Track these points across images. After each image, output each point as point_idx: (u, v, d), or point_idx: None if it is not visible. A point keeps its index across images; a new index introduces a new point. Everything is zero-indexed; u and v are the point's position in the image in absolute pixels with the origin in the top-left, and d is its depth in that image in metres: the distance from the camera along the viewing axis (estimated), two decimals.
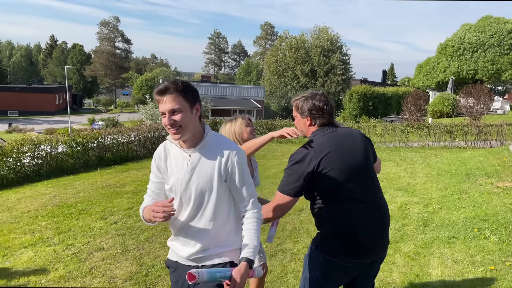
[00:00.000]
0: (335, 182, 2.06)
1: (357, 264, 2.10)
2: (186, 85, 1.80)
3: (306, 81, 42.12)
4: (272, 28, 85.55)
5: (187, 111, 1.79)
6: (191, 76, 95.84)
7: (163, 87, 1.77)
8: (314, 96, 2.26)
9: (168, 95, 1.76)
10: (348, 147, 2.15)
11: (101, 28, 74.22)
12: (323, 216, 2.13)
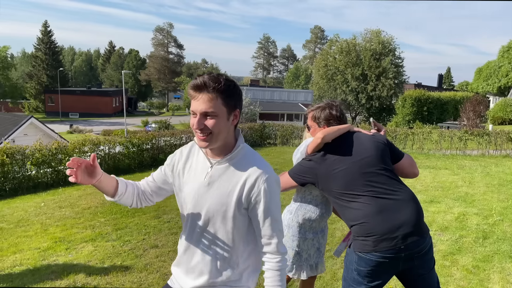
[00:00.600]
0: (348, 183, 2.16)
1: (391, 259, 2.08)
2: (229, 85, 1.47)
3: (356, 85, 41.28)
4: (322, 32, 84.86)
5: (223, 117, 1.47)
6: (239, 80, 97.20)
7: (201, 82, 1.44)
8: (331, 106, 2.47)
9: (204, 94, 1.44)
10: (357, 150, 2.25)
11: (155, 34, 77.41)
12: (347, 217, 2.19)
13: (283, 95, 40.38)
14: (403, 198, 2.15)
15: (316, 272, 2.84)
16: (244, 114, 23.05)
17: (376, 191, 2.13)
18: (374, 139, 2.32)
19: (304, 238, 2.72)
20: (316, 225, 2.73)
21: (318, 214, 2.69)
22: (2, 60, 49.29)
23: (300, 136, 17.30)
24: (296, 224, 2.71)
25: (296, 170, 2.36)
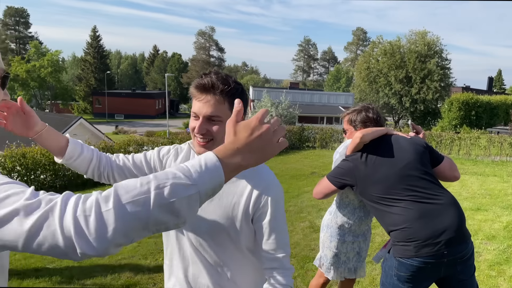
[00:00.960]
0: (388, 187, 2.13)
1: (433, 265, 2.04)
2: (238, 89, 1.33)
3: (400, 87, 40.13)
4: (364, 34, 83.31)
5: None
6: (279, 83, 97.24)
7: (209, 82, 1.29)
8: (367, 109, 2.47)
9: (211, 96, 1.29)
10: (396, 153, 2.22)
11: (197, 38, 79.16)
12: (387, 222, 2.17)
13: (323, 98, 39.99)
14: (445, 202, 2.11)
15: (355, 276, 2.83)
16: (282, 117, 23.01)
17: (417, 195, 2.09)
18: (413, 142, 2.29)
19: (343, 241, 2.71)
20: (355, 228, 2.71)
21: (356, 218, 2.67)
22: (54, 63, 52.21)
23: (340, 139, 17.06)
24: (335, 225, 2.72)
25: (335, 173, 2.34)
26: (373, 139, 2.28)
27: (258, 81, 73.61)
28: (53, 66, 51.78)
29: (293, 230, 5.50)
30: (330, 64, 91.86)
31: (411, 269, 2.06)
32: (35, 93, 52.76)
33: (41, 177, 9.44)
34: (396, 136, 2.35)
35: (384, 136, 2.31)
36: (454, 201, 2.16)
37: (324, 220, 2.84)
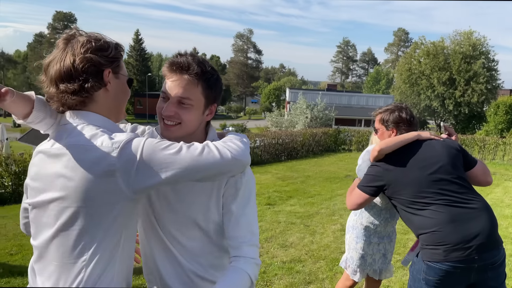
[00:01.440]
0: (419, 191, 2.09)
1: (462, 270, 1.99)
2: (213, 74, 1.27)
3: (443, 90, 38.68)
4: (406, 34, 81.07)
5: (199, 108, 1.27)
6: (317, 84, 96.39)
7: (185, 61, 1.22)
8: (400, 109, 2.41)
9: (185, 76, 1.22)
10: (429, 156, 2.17)
11: (236, 40, 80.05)
12: (417, 225, 2.13)
13: (362, 100, 39.29)
14: (477, 207, 2.06)
15: (380, 277, 2.80)
16: (318, 119, 22.83)
17: (448, 199, 2.05)
18: (446, 145, 2.24)
19: (369, 242, 2.69)
20: (381, 229, 2.69)
21: (382, 219, 2.65)
22: None
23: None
24: (361, 226, 2.70)
25: (365, 181, 2.29)
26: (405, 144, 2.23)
27: (296, 83, 73.29)
28: None
29: (324, 233, 5.47)
30: (370, 65, 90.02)
31: (440, 274, 2.02)
32: None
33: None
34: (429, 140, 2.29)
35: (418, 140, 2.25)
36: (487, 206, 2.10)
37: (349, 222, 2.83)
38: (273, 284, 3.90)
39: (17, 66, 71.17)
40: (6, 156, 8.56)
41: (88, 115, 1.18)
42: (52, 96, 1.19)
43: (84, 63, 1.14)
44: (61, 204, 1.11)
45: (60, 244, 1.12)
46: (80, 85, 1.14)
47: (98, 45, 1.18)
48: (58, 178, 1.11)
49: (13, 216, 6.42)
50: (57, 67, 1.16)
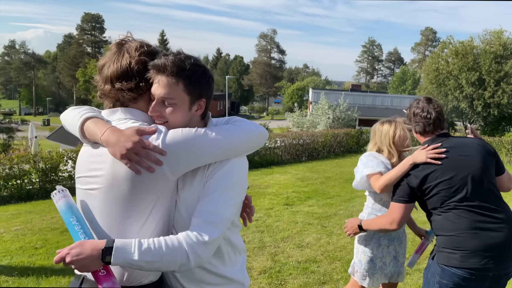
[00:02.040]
0: (447, 193, 2.04)
1: (478, 277, 1.97)
2: (196, 71, 1.32)
3: (472, 91, 37.58)
4: (433, 34, 79.19)
5: (183, 106, 1.31)
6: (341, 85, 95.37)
7: (161, 63, 1.28)
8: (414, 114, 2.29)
9: (163, 76, 1.29)
10: (461, 158, 2.10)
11: (259, 40, 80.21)
12: (437, 226, 2.11)
13: (386, 101, 38.66)
14: (502, 217, 2.03)
15: (391, 281, 2.76)
16: (340, 120, 22.60)
17: (474, 205, 2.02)
18: (481, 148, 2.15)
19: (378, 244, 2.66)
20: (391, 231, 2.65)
21: None
22: None
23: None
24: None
25: (400, 193, 2.18)
26: (437, 144, 2.14)
27: (319, 83, 72.72)
28: None
29: (341, 234, 5.43)
30: (396, 65, 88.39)
31: (454, 278, 2.00)
32: None
33: None
34: (464, 139, 2.24)
35: (450, 139, 2.18)
36: (510, 218, 2.07)
37: None
38: (287, 283, 3.91)
39: (47, 66, 73.51)
40: (34, 154, 8.89)
41: (136, 112, 1.35)
42: (107, 93, 1.35)
43: (139, 64, 1.32)
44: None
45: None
46: (136, 84, 1.31)
47: (149, 50, 1.37)
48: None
49: (40, 211, 6.67)
50: (113, 67, 1.33)
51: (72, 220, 1.28)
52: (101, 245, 1.17)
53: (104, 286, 1.18)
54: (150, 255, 1.18)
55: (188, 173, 1.31)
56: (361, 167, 2.58)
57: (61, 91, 72.79)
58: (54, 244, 4.83)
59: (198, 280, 1.37)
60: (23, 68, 67.81)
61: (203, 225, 1.24)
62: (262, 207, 6.79)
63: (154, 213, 1.29)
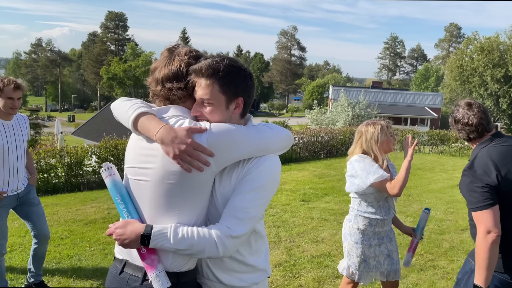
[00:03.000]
0: (506, 198, 1.95)
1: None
2: (229, 72, 1.40)
3: (497, 88, 36.63)
4: (458, 30, 77.25)
5: (220, 105, 1.41)
6: (362, 82, 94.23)
7: (198, 67, 1.40)
8: (462, 115, 2.14)
9: (202, 79, 1.40)
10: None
11: (280, 38, 79.90)
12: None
13: (408, 98, 38.04)
14: None
15: (388, 279, 2.81)
16: (360, 117, 22.41)
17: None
18: None
19: (369, 245, 2.70)
20: (379, 229, 2.70)
21: (379, 219, 2.67)
22: (147, 64, 56.45)
23: (419, 142, 16.18)
24: (358, 231, 2.72)
25: (484, 198, 1.94)
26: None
27: (340, 80, 72.11)
28: (147, 66, 55.99)
29: None
30: (419, 62, 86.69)
31: (495, 283, 1.95)
32: (130, 91, 57.52)
33: None
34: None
35: (507, 138, 2.09)
36: None
37: (345, 229, 2.83)
38: (301, 277, 4.01)
39: (72, 64, 75.28)
40: (60, 149, 9.22)
41: (185, 109, 1.47)
42: (158, 93, 1.49)
43: (188, 68, 1.44)
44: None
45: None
46: (185, 84, 1.44)
47: (196, 54, 1.50)
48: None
49: (65, 203, 6.95)
50: (165, 70, 1.47)
51: (117, 199, 1.43)
52: (140, 230, 1.34)
53: (146, 263, 1.37)
54: (183, 244, 1.33)
55: (226, 168, 1.43)
56: (363, 172, 2.61)
57: (86, 88, 74.47)
58: (79, 235, 5.06)
59: (228, 269, 1.50)
60: (49, 66, 69.61)
61: (233, 220, 1.36)
62: (279, 203, 6.89)
63: (196, 205, 1.42)
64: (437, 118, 36.12)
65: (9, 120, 3.17)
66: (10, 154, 3.15)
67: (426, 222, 2.79)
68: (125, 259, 1.47)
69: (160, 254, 1.39)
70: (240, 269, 1.51)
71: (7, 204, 3.22)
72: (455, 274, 4.09)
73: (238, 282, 1.51)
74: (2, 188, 3.13)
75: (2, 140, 3.09)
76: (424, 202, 7.18)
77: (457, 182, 9.33)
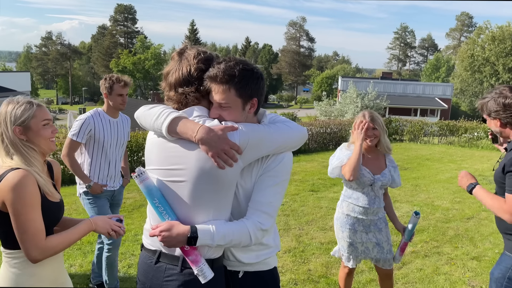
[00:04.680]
0: None
1: None
2: (244, 75, 1.48)
3: (509, 77, 36.23)
4: (470, 19, 76.05)
5: (237, 108, 1.51)
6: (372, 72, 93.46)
7: (213, 74, 1.48)
8: (502, 95, 2.05)
9: (217, 85, 1.48)
10: None
11: (288, 28, 79.54)
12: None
13: (418, 89, 37.73)
14: None
15: (379, 265, 2.91)
16: (368, 109, 22.38)
17: None
18: None
19: (354, 230, 2.81)
20: (362, 217, 2.78)
21: (361, 207, 2.77)
22: (156, 56, 56.72)
23: (428, 133, 16.19)
24: (343, 215, 2.85)
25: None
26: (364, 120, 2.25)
27: (349, 71, 71.65)
28: (156, 58, 56.25)
29: None
30: (429, 52, 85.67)
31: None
32: (140, 83, 57.93)
33: (143, 159, 10.62)
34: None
35: None
36: None
37: (335, 214, 2.96)
38: (310, 262, 4.19)
39: (82, 56, 75.84)
40: None
41: (205, 110, 1.55)
42: (171, 98, 1.58)
43: (198, 71, 1.51)
44: None
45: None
46: (196, 88, 1.52)
47: (206, 56, 1.55)
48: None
49: None
50: (176, 75, 1.54)
51: (155, 202, 1.51)
52: (186, 233, 1.46)
53: (190, 259, 1.49)
54: (224, 240, 1.49)
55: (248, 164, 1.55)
56: (333, 158, 2.83)
57: (96, 81, 74.91)
58: None
59: (247, 249, 1.67)
60: (59, 59, 70.24)
61: (262, 215, 1.54)
62: (288, 193, 7.06)
63: (228, 200, 1.55)
64: (447, 109, 35.83)
65: (116, 118, 3.22)
66: (112, 151, 3.22)
67: (415, 225, 2.81)
68: (159, 249, 1.57)
69: (199, 247, 1.53)
70: (257, 248, 1.69)
71: (105, 197, 3.27)
72: (459, 260, 4.25)
73: (254, 259, 1.69)
74: (102, 182, 3.22)
75: (108, 136, 3.14)
76: (431, 192, 7.29)
77: None
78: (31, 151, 1.68)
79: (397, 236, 4.44)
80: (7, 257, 1.67)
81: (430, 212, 6.05)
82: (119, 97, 3.15)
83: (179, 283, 1.51)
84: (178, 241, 1.46)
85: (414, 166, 10.25)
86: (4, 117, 1.66)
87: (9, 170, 1.59)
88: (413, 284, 3.74)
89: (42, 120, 1.70)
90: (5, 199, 1.56)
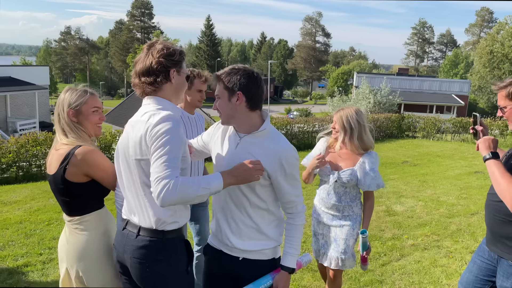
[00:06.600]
0: None
1: None
2: (230, 73, 1.78)
3: None
4: (490, 14, 74.29)
5: (224, 98, 1.79)
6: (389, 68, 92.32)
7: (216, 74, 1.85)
8: None
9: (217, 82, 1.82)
10: None
11: (304, 24, 79.10)
12: None
13: (434, 85, 37.15)
14: None
15: (328, 264, 2.81)
16: (381, 105, 22.26)
17: None
18: None
19: (318, 220, 2.86)
20: (324, 209, 2.81)
21: (320, 198, 2.84)
22: None
23: (442, 130, 16.04)
24: (315, 205, 2.94)
25: None
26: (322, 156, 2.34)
27: (366, 66, 70.95)
28: None
29: None
30: (448, 48, 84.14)
31: None
32: None
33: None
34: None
35: None
36: None
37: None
38: (311, 252, 4.31)
39: (100, 51, 76.94)
40: None
41: (158, 99, 1.76)
42: (136, 85, 1.78)
43: (157, 65, 1.72)
44: None
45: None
46: (154, 79, 1.73)
47: (168, 52, 1.73)
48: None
49: None
50: (141, 65, 1.74)
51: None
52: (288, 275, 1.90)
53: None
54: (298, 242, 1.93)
55: None
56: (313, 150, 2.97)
57: (113, 76, 76.08)
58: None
59: (246, 237, 1.86)
60: (78, 54, 71.49)
61: (299, 206, 1.87)
62: None
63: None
64: (464, 106, 35.21)
65: (193, 114, 3.04)
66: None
67: (365, 242, 2.71)
68: (128, 218, 1.85)
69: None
70: (256, 237, 1.86)
71: None
72: (457, 253, 4.32)
73: (252, 247, 1.86)
74: None
75: (189, 134, 2.90)
76: (438, 188, 7.31)
77: (475, 170, 9.38)
78: (81, 132, 2.01)
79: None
80: (75, 223, 1.99)
81: (434, 207, 6.10)
82: (198, 93, 2.96)
83: (134, 248, 1.77)
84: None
85: (424, 162, 10.23)
86: (62, 101, 2.01)
87: (76, 147, 1.93)
88: (409, 275, 3.83)
89: (92, 106, 2.03)
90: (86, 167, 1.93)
